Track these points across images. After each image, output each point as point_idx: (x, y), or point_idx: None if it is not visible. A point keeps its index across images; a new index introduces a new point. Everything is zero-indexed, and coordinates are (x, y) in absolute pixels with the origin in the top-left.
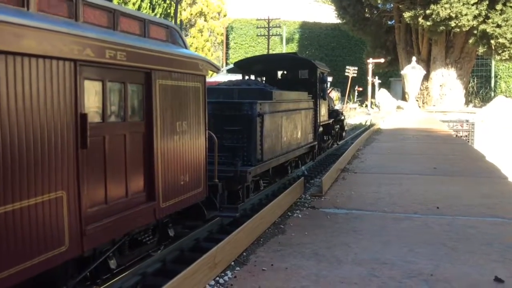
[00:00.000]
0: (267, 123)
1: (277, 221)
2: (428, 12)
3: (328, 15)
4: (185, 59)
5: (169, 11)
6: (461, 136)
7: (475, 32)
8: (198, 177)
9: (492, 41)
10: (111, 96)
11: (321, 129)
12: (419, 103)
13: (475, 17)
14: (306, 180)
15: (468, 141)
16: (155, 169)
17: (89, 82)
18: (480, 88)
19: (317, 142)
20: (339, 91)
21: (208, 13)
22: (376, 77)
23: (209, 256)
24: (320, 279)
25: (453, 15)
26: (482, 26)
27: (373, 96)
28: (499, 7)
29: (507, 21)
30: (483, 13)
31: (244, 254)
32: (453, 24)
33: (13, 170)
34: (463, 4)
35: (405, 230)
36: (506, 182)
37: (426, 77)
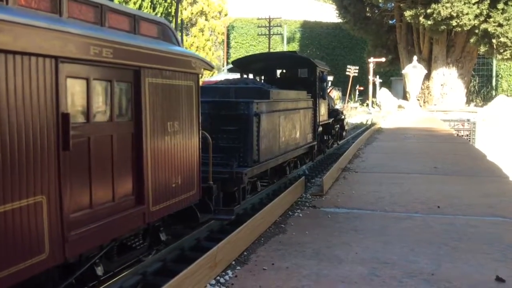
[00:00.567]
0: (264, 123)
1: (278, 221)
2: (429, 11)
3: (329, 15)
4: (177, 57)
5: (170, 10)
6: (462, 136)
7: (477, 31)
8: (191, 179)
9: (494, 40)
10: (97, 95)
11: (321, 129)
12: (420, 102)
13: (477, 16)
14: (307, 180)
15: (469, 141)
16: (145, 172)
17: (72, 80)
18: (481, 88)
19: (317, 142)
20: (340, 91)
21: (209, 12)
22: (377, 77)
23: (210, 256)
24: (321, 279)
25: (454, 14)
26: (484, 25)
27: (374, 96)
28: (501, 6)
29: (509, 20)
30: (485, 12)
31: (245, 254)
32: (454, 23)
33: None
34: (464, 3)
35: (406, 230)
36: (507, 182)
37: (427, 76)
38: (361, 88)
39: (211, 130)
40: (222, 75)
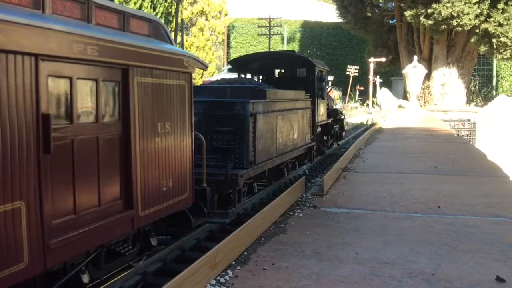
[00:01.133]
0: (261, 124)
1: (278, 221)
2: (430, 11)
3: (330, 14)
4: (168, 55)
5: (170, 10)
6: (463, 135)
7: (477, 31)
8: (183, 182)
9: (494, 40)
10: (81, 95)
11: (320, 129)
12: (421, 102)
13: (477, 16)
14: (307, 179)
15: (470, 140)
16: (133, 175)
17: (54, 79)
18: (482, 87)
19: (316, 143)
20: (340, 90)
21: (209, 12)
22: (378, 76)
23: (210, 256)
24: (321, 278)
25: (455, 14)
26: (484, 25)
27: (375, 95)
28: (501, 6)
29: (509, 20)
30: (485, 12)
31: (245, 254)
32: (455, 23)
33: None
34: (465, 3)
35: (406, 230)
36: (508, 181)
37: (428, 76)
38: (362, 88)
39: (206, 131)
40: (223, 75)
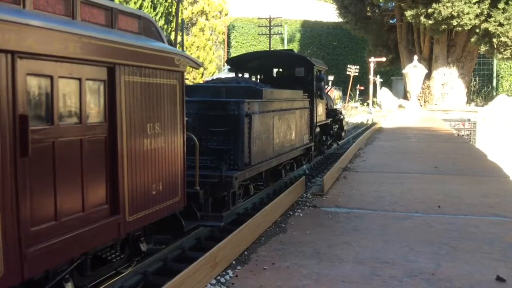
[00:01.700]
0: (256, 124)
1: (278, 220)
2: (430, 11)
3: (330, 14)
4: (159, 54)
5: (171, 10)
6: (463, 135)
7: (477, 31)
8: (174, 185)
9: (494, 40)
10: (63, 95)
11: (318, 130)
12: (421, 102)
13: (477, 16)
14: (307, 179)
15: (470, 140)
16: (120, 178)
17: (34, 78)
18: (482, 87)
19: (314, 143)
20: (341, 90)
21: (210, 12)
22: (378, 76)
23: (210, 255)
24: (321, 278)
25: (455, 14)
26: (484, 25)
27: (375, 95)
28: (501, 6)
29: (509, 20)
30: (485, 12)
31: (245, 253)
32: (455, 23)
33: None
34: (465, 3)
35: (407, 229)
36: (508, 181)
37: (428, 76)
38: (362, 88)
39: (200, 132)
40: (223, 75)
